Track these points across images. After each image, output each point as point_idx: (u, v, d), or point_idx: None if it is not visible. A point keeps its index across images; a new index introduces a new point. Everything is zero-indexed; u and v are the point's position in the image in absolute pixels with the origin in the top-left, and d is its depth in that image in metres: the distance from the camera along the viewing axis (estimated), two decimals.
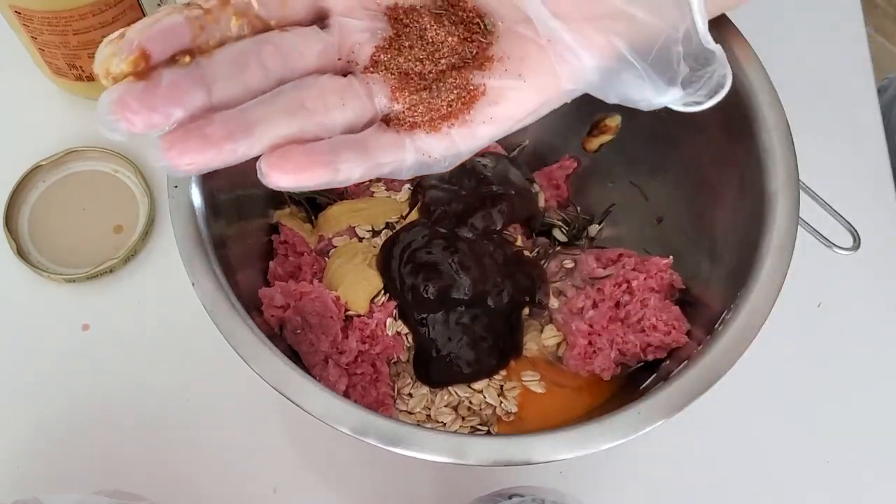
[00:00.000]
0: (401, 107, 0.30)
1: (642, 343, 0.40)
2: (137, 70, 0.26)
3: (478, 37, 0.31)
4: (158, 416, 0.44)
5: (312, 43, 0.30)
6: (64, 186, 0.49)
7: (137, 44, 0.26)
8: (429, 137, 0.30)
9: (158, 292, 0.47)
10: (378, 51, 0.30)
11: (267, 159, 0.27)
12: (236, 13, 0.28)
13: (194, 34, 0.27)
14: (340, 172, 0.28)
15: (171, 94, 0.26)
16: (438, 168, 0.31)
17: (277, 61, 0.29)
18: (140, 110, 0.25)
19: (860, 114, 0.54)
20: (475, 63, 0.31)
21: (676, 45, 0.30)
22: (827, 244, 0.42)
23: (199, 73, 0.27)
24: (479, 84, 0.31)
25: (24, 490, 0.42)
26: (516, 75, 0.31)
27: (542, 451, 0.32)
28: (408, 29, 0.31)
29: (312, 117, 0.28)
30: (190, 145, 0.26)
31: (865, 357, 0.48)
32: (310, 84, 0.29)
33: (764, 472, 0.45)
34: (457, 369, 0.41)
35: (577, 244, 0.47)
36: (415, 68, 0.30)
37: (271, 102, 0.28)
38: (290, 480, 0.44)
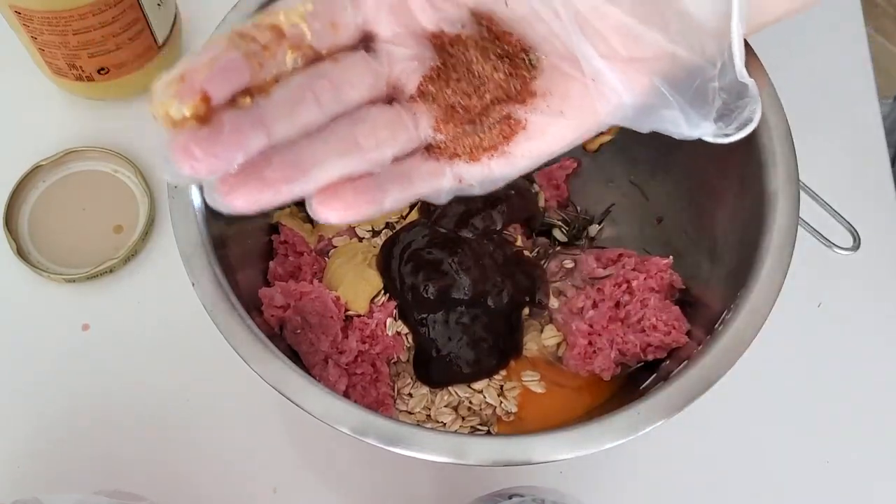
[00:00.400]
0: (444, 137, 0.30)
1: (642, 343, 0.40)
2: (199, 114, 0.25)
3: (522, 71, 0.31)
4: (158, 416, 0.44)
5: (363, 74, 0.30)
6: (64, 186, 0.49)
7: (199, 87, 0.25)
8: (468, 166, 0.31)
9: (158, 292, 0.47)
10: (425, 81, 0.30)
11: (319, 198, 0.27)
12: (291, 46, 0.28)
13: (253, 72, 0.26)
14: (385, 205, 0.29)
15: (234, 140, 0.26)
16: (473, 192, 0.31)
17: (331, 96, 0.28)
18: (205, 158, 0.25)
19: (860, 114, 0.54)
20: (518, 97, 0.31)
21: (713, 81, 0.30)
22: (827, 244, 0.42)
23: (259, 114, 0.26)
24: (520, 118, 0.31)
25: (24, 490, 0.42)
26: (558, 112, 0.31)
27: (542, 451, 0.32)
28: (454, 59, 0.31)
29: (365, 154, 0.29)
30: (249, 189, 0.26)
31: (865, 357, 0.48)
32: (362, 119, 0.29)
33: (764, 472, 0.45)
34: (457, 369, 0.41)
35: (577, 244, 0.47)
36: (461, 102, 0.30)
37: (326, 141, 0.28)
38: (290, 480, 0.44)
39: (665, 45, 0.30)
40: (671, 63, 0.30)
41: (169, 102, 0.25)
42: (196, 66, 0.25)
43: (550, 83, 0.31)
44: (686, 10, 0.29)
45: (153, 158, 0.49)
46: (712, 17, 0.29)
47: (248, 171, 0.26)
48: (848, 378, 0.47)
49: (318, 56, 0.29)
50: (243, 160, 0.26)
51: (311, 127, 0.28)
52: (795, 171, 0.37)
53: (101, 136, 0.50)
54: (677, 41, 0.30)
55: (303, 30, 0.28)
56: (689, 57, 0.30)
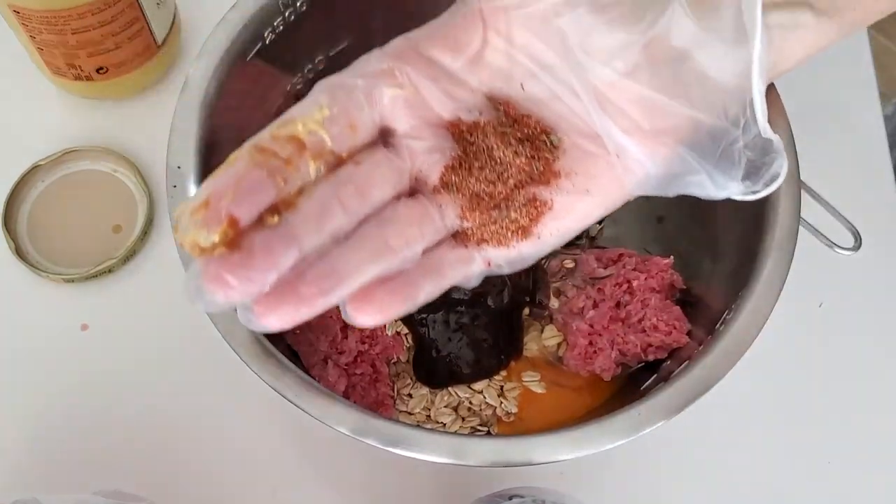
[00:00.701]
0: (470, 224, 0.30)
1: (643, 343, 0.39)
2: (227, 239, 0.24)
3: (544, 153, 0.30)
4: (158, 417, 0.44)
5: (387, 173, 0.29)
6: (63, 186, 0.49)
7: (226, 212, 0.24)
8: (496, 250, 0.31)
9: (157, 292, 0.47)
10: (447, 171, 0.30)
11: (353, 305, 0.27)
12: (313, 156, 0.27)
13: (278, 189, 0.26)
14: (419, 300, 0.29)
15: (267, 261, 0.25)
16: (503, 272, 0.31)
17: (357, 201, 0.28)
18: (239, 284, 0.24)
19: (862, 113, 0.54)
20: (542, 179, 0.30)
21: (738, 142, 0.30)
22: (828, 244, 0.42)
23: (288, 230, 0.26)
24: (546, 199, 0.30)
25: (24, 490, 0.42)
26: (583, 190, 0.31)
27: (542, 452, 0.32)
28: (474, 147, 0.30)
29: (396, 255, 0.28)
30: (286, 308, 0.26)
31: (867, 357, 0.48)
32: (389, 219, 0.29)
33: (765, 473, 0.45)
34: (457, 370, 0.41)
35: (578, 244, 0.47)
36: (485, 189, 0.30)
37: (358, 248, 0.27)
38: (289, 481, 0.43)
39: (687, 113, 0.29)
40: (694, 129, 0.30)
41: (196, 232, 0.24)
42: (219, 190, 0.25)
43: (574, 162, 0.31)
44: (706, 74, 0.29)
45: (154, 159, 0.49)
46: (733, 77, 0.29)
47: (283, 289, 0.26)
48: (850, 378, 0.47)
49: (340, 160, 0.28)
50: (276, 279, 0.25)
51: (339, 234, 0.27)
52: (797, 170, 0.37)
53: (99, 136, 0.50)
54: (699, 107, 0.29)
55: (322, 136, 0.27)
56: (712, 121, 0.29)
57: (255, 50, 0.39)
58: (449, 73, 0.30)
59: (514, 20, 0.29)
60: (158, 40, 0.48)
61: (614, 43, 0.28)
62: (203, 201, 0.24)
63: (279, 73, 0.41)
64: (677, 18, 0.28)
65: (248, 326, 0.26)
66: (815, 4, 0.30)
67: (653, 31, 0.28)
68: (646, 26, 0.28)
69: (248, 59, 0.38)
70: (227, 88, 0.37)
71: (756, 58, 0.28)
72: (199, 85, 0.36)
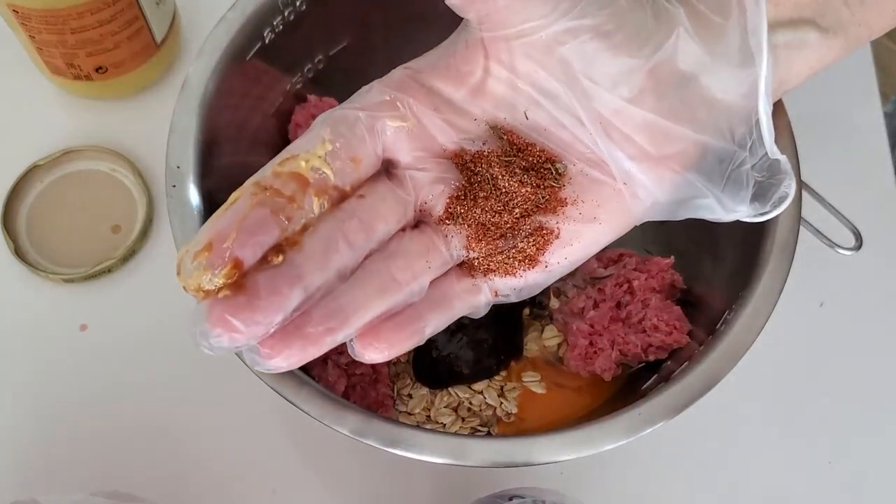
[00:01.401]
0: (476, 254, 0.30)
1: (643, 343, 0.39)
2: (232, 281, 0.24)
3: (549, 182, 0.30)
4: (157, 417, 0.44)
5: (391, 206, 0.29)
6: (62, 186, 0.49)
7: (230, 254, 0.24)
8: (503, 280, 0.31)
9: (157, 292, 0.47)
10: (452, 202, 0.30)
11: (361, 343, 0.27)
12: (317, 192, 0.27)
13: (281, 228, 0.25)
14: (426, 333, 0.29)
15: (273, 303, 0.25)
16: (510, 301, 0.31)
17: (362, 236, 0.28)
18: (244, 328, 0.24)
19: (862, 113, 0.54)
20: (548, 207, 0.30)
21: (746, 164, 0.29)
22: (829, 244, 0.42)
23: (293, 270, 0.25)
24: (552, 228, 0.30)
25: (22, 490, 0.42)
26: (591, 218, 0.30)
27: (542, 453, 0.32)
28: (479, 177, 0.30)
29: (402, 289, 0.28)
30: (293, 349, 0.25)
31: (868, 357, 0.48)
32: (394, 253, 0.28)
33: (766, 473, 0.45)
34: (457, 370, 0.41)
35: None
36: (491, 219, 0.30)
37: (364, 284, 0.27)
38: (289, 482, 0.43)
39: (694, 137, 0.29)
40: (701, 153, 0.29)
41: (200, 275, 0.24)
42: (222, 231, 0.24)
43: (580, 190, 0.30)
44: (712, 97, 0.29)
45: (153, 159, 0.49)
46: (739, 99, 0.29)
47: (289, 330, 0.25)
48: (850, 378, 0.47)
49: (344, 194, 0.28)
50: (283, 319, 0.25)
51: (345, 270, 0.27)
52: (797, 170, 0.36)
53: (98, 136, 0.50)
54: (706, 130, 0.29)
55: (325, 172, 0.27)
56: (719, 144, 0.29)
57: (254, 49, 0.38)
58: (451, 104, 0.30)
59: (515, 49, 0.28)
60: (158, 40, 0.48)
61: (619, 69, 0.28)
62: (206, 244, 0.24)
63: (279, 72, 0.41)
64: (682, 42, 0.28)
65: (255, 368, 0.26)
66: (820, 23, 0.29)
67: (657, 56, 0.28)
68: (650, 51, 0.28)
69: (248, 59, 0.38)
70: (227, 88, 0.37)
71: (762, 79, 0.28)
72: (199, 84, 0.36)
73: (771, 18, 0.28)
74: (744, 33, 0.28)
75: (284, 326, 0.25)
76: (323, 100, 0.44)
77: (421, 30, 0.46)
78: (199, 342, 0.25)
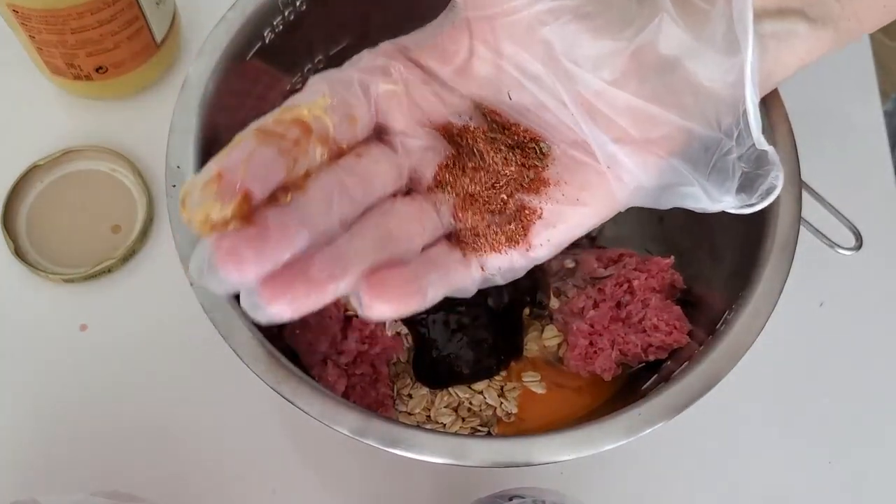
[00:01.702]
0: (463, 225, 0.30)
1: (643, 343, 0.39)
2: (242, 214, 0.23)
3: (534, 161, 0.30)
4: (157, 417, 0.44)
5: (387, 168, 0.29)
6: (62, 186, 0.49)
7: (241, 185, 0.23)
8: (489, 257, 0.31)
9: (157, 292, 0.47)
10: (441, 170, 0.30)
11: (368, 294, 0.26)
12: (319, 140, 0.27)
13: (288, 168, 0.25)
14: (427, 298, 0.28)
15: (281, 239, 0.24)
16: (497, 282, 0.31)
17: (361, 191, 0.28)
18: (256, 260, 0.23)
19: (862, 112, 0.54)
20: (531, 187, 0.30)
21: (732, 154, 0.29)
22: (829, 244, 0.42)
23: (300, 212, 0.25)
24: (535, 208, 0.30)
25: (22, 491, 0.42)
26: (574, 200, 0.30)
27: (542, 453, 0.32)
28: (466, 150, 0.30)
29: (400, 244, 0.28)
30: (296, 292, 0.24)
31: (868, 357, 0.48)
32: (391, 212, 0.28)
33: (766, 473, 0.45)
34: (457, 370, 0.41)
35: (578, 243, 0.47)
36: (479, 191, 0.30)
37: (363, 236, 0.27)
38: (288, 482, 0.43)
39: (679, 122, 0.29)
40: (687, 140, 0.29)
41: (209, 205, 0.23)
42: (231, 165, 0.24)
43: (564, 171, 0.30)
44: (698, 84, 0.29)
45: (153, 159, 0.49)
46: (726, 87, 0.29)
47: (293, 272, 0.24)
48: (850, 378, 0.47)
49: (341, 151, 0.28)
50: (289, 259, 0.24)
51: (346, 222, 0.27)
52: (797, 169, 0.36)
53: (99, 136, 0.50)
54: (692, 116, 0.29)
55: (326, 123, 0.27)
56: (704, 131, 0.29)
57: (254, 49, 0.38)
58: (438, 79, 0.30)
59: (499, 30, 0.29)
60: (158, 40, 0.48)
61: (600, 51, 0.28)
62: (215, 174, 0.23)
63: (279, 72, 0.41)
64: (666, 26, 0.28)
65: (254, 315, 0.25)
66: (808, 13, 0.29)
67: (640, 39, 0.28)
68: (632, 34, 0.28)
69: (248, 59, 0.38)
70: (227, 88, 0.37)
71: (749, 67, 0.28)
72: (199, 84, 0.36)
73: (757, 7, 0.28)
74: (729, 20, 0.28)
75: (288, 269, 0.24)
76: None
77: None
78: (203, 278, 0.24)
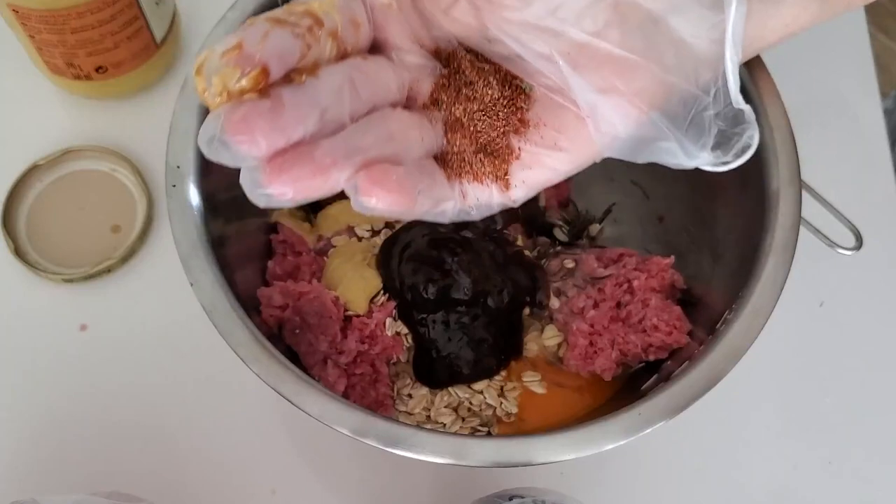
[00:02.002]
0: (451, 149, 0.31)
1: (643, 343, 0.39)
2: (258, 87, 0.23)
3: (520, 100, 0.31)
4: (156, 417, 0.44)
5: (391, 75, 0.29)
6: (61, 186, 0.49)
7: (259, 59, 0.23)
8: (472, 186, 0.31)
9: (157, 292, 0.47)
10: (436, 88, 0.31)
11: (367, 176, 0.26)
12: (331, 34, 0.27)
13: (302, 53, 0.25)
14: (416, 204, 0.28)
15: (295, 115, 0.24)
16: (472, 217, 0.31)
17: (367, 90, 0.28)
18: (269, 132, 0.23)
19: (862, 112, 0.54)
20: (511, 126, 0.31)
21: (709, 110, 0.30)
22: (829, 244, 0.42)
23: (313, 94, 0.25)
24: (514, 147, 0.31)
25: (22, 491, 0.42)
26: (552, 143, 0.31)
27: (542, 453, 0.32)
28: (456, 75, 0.31)
29: (398, 147, 0.28)
30: (301, 171, 0.24)
31: (868, 357, 0.48)
32: (391, 116, 0.29)
33: (766, 473, 0.45)
34: (457, 370, 0.41)
35: (578, 244, 0.47)
36: (470, 117, 0.31)
37: (366, 131, 0.27)
38: (289, 482, 0.43)
39: (661, 76, 0.29)
40: (666, 94, 0.30)
41: (228, 72, 0.23)
42: (251, 38, 0.24)
43: (543, 112, 0.31)
44: (681, 39, 0.29)
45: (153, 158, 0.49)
46: (709, 44, 0.29)
47: (299, 152, 0.24)
48: (850, 378, 0.47)
49: (345, 52, 0.28)
50: (299, 139, 0.24)
51: (353, 117, 0.27)
52: (797, 169, 0.36)
53: (98, 135, 0.50)
54: (672, 71, 0.29)
55: (336, 19, 0.27)
56: (684, 86, 0.29)
57: None
58: (427, 10, 0.31)
59: None
60: (158, 39, 0.48)
61: (582, 2, 0.29)
62: (235, 44, 0.23)
63: None
64: None
65: (253, 197, 0.25)
66: None
67: None
68: None
69: None
70: None
71: (731, 25, 0.28)
72: None
73: None
74: None
75: (294, 150, 0.24)
76: None
77: None
78: (213, 147, 0.24)
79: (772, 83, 0.37)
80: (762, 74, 0.37)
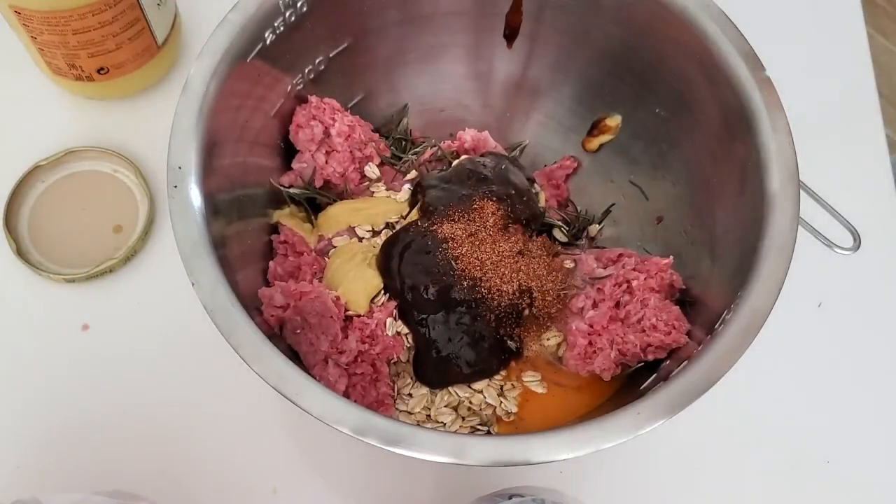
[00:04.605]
0: None
1: (642, 343, 0.40)
2: None
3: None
4: (158, 416, 0.44)
5: None
6: (63, 186, 0.49)
7: None
8: None
9: (158, 292, 0.47)
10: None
11: None
12: None
13: None
14: None
15: None
16: None
17: None
18: None
19: (860, 113, 0.54)
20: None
21: None
22: (827, 244, 0.42)
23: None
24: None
25: (24, 490, 0.42)
26: None
27: (541, 452, 0.32)
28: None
29: None
30: None
31: (865, 356, 0.48)
32: None
33: (764, 472, 0.45)
34: (457, 370, 0.41)
35: (577, 244, 0.47)
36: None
37: None
38: (289, 481, 0.44)
39: None
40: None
41: None
42: None
43: None
44: None
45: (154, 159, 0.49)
46: None
47: None
48: (848, 377, 0.47)
49: None
50: None
51: None
52: (795, 170, 0.37)
53: (100, 136, 0.50)
54: None
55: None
56: None
57: (255, 50, 0.39)
58: None
59: None
60: (159, 41, 0.49)
61: None
62: None
63: (280, 73, 0.41)
64: None
65: None
66: None
67: None
68: None
69: (249, 60, 0.39)
70: (228, 89, 0.37)
71: None
72: (200, 85, 0.36)
73: None
74: None
75: None
76: (324, 100, 0.44)
77: (421, 31, 0.46)
78: None
79: (771, 84, 0.38)
80: (762, 75, 0.37)
